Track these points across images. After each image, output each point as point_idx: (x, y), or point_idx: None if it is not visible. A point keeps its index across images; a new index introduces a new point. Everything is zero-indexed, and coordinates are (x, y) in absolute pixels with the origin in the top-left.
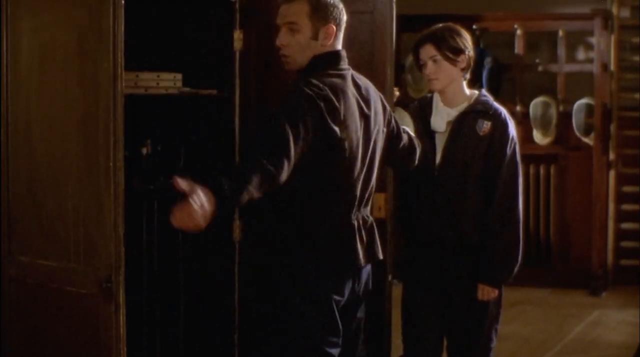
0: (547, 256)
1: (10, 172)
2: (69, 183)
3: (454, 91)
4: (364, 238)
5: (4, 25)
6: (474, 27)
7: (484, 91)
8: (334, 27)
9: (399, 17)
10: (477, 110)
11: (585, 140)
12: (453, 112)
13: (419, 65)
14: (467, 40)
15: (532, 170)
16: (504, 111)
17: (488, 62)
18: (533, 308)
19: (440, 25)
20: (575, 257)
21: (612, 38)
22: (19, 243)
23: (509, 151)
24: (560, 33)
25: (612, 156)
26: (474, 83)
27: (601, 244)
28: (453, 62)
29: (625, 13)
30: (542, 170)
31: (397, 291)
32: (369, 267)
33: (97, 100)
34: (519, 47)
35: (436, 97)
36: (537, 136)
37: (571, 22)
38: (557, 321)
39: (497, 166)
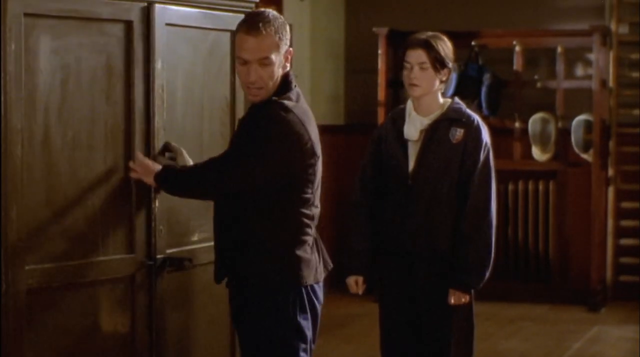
0: (546, 272)
1: (25, 188)
2: (96, 187)
3: (430, 101)
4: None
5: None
6: (473, 43)
7: (457, 99)
8: (291, 48)
9: (395, 33)
10: (451, 118)
11: (584, 156)
12: (426, 121)
13: (402, 66)
14: (451, 53)
15: (531, 186)
16: (477, 118)
17: (487, 78)
18: (532, 324)
19: (431, 33)
20: (574, 274)
21: (611, 54)
22: (41, 252)
23: (482, 157)
24: (559, 49)
25: (611, 172)
26: (473, 99)
27: (600, 260)
28: (438, 72)
29: (624, 29)
30: (541, 187)
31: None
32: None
33: (129, 115)
34: (517, 64)
35: (409, 106)
36: (536, 152)
37: (570, 38)
38: (556, 337)
39: (470, 172)
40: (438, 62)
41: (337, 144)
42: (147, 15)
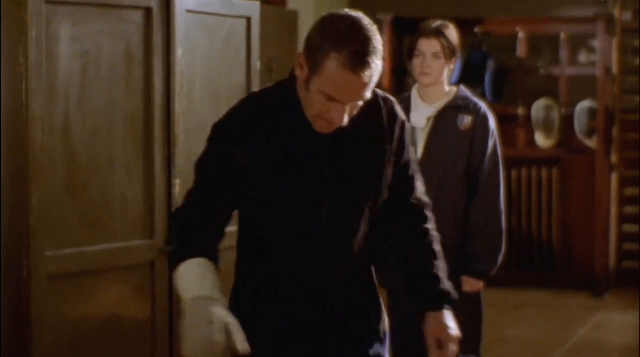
0: (549, 259)
1: (45, 174)
2: (116, 174)
3: (437, 89)
4: None
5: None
6: (477, 30)
7: (463, 87)
8: None
9: (399, 20)
10: (458, 105)
11: (588, 143)
12: (433, 109)
13: (411, 55)
14: (458, 42)
15: (534, 173)
16: (483, 106)
17: (491, 65)
18: (536, 311)
19: (440, 22)
20: (578, 260)
21: (614, 41)
22: (61, 239)
23: (490, 144)
24: (563, 36)
25: (614, 159)
26: (477, 86)
27: (603, 246)
28: (448, 61)
29: (627, 16)
30: (544, 173)
31: None
32: None
33: (148, 102)
34: (521, 51)
35: (415, 94)
36: (540, 139)
37: (573, 25)
38: (560, 323)
39: (479, 160)
40: (450, 51)
41: None
42: (167, 2)
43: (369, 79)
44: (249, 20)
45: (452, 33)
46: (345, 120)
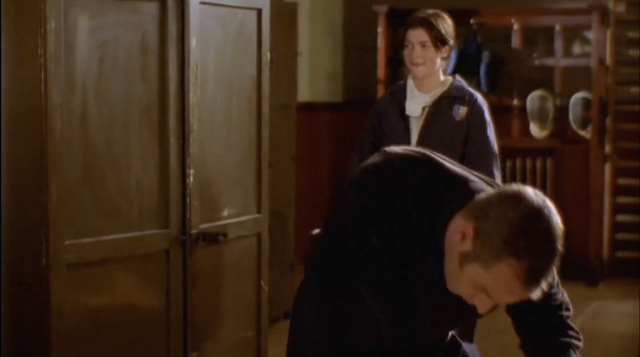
0: None
1: (64, 164)
2: (131, 163)
3: (431, 78)
4: None
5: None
6: (472, 21)
7: (458, 77)
8: None
9: (394, 11)
10: (453, 95)
11: (582, 133)
12: (428, 98)
13: (403, 45)
14: (452, 30)
15: (528, 163)
16: (478, 95)
17: (486, 56)
18: None
19: (431, 10)
20: (572, 249)
21: (608, 33)
22: (78, 228)
23: (488, 134)
24: (557, 28)
25: (607, 149)
26: (472, 77)
27: (597, 236)
28: (439, 50)
29: (621, 8)
30: (538, 164)
31: None
32: None
33: (163, 93)
34: (516, 42)
35: (410, 84)
36: (534, 130)
37: (568, 16)
38: None
39: (477, 150)
40: (439, 40)
41: (336, 122)
42: None
43: (535, 294)
44: (259, 11)
45: (443, 22)
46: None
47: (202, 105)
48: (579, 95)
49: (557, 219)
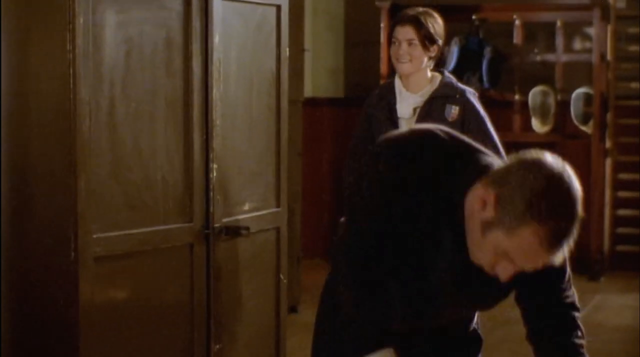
0: None
1: (92, 158)
2: (157, 157)
3: (418, 77)
4: None
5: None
6: (474, 17)
7: (447, 73)
8: None
9: (397, 7)
10: (445, 94)
11: (584, 128)
12: (418, 98)
13: (390, 42)
14: (442, 30)
15: None
16: (469, 90)
17: (488, 52)
18: None
19: (421, 9)
20: (573, 244)
21: (609, 28)
22: (106, 221)
23: (488, 128)
24: (559, 23)
25: (608, 144)
26: (474, 72)
27: (599, 230)
28: (427, 49)
29: (622, 4)
30: None
31: None
32: None
33: (187, 87)
34: (517, 37)
35: (398, 83)
36: (536, 125)
37: (569, 12)
38: None
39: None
40: (427, 39)
41: (337, 117)
42: None
43: (557, 258)
44: (279, 7)
45: (433, 21)
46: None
47: (225, 100)
48: (581, 90)
49: (577, 184)
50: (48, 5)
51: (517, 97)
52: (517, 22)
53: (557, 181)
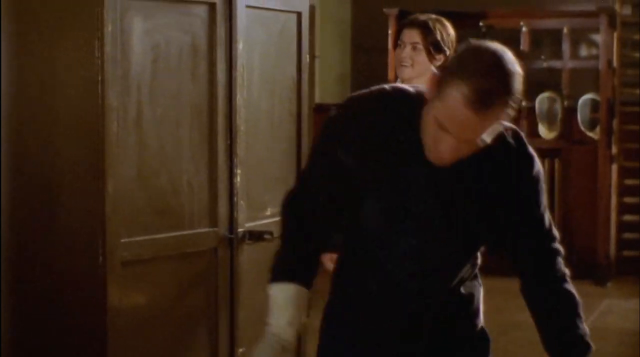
0: None
1: (119, 163)
2: (182, 162)
3: (419, 83)
4: None
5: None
6: (481, 23)
7: None
8: None
9: (404, 13)
10: None
11: (590, 134)
12: None
13: (396, 43)
14: (452, 41)
15: None
16: None
17: None
18: None
19: (434, 15)
20: (578, 248)
21: (615, 35)
22: (132, 225)
23: None
24: (565, 30)
25: (614, 150)
26: None
27: (605, 236)
28: (432, 56)
29: (627, 10)
30: (546, 164)
31: None
32: None
33: (212, 94)
34: (524, 44)
35: None
36: (543, 131)
37: (575, 19)
38: None
39: None
40: (433, 46)
41: None
42: None
43: (490, 122)
44: (299, 14)
45: (443, 29)
46: (453, 158)
47: (248, 106)
48: (587, 97)
49: (514, 62)
50: (76, 13)
51: (524, 103)
52: (524, 29)
53: (488, 49)
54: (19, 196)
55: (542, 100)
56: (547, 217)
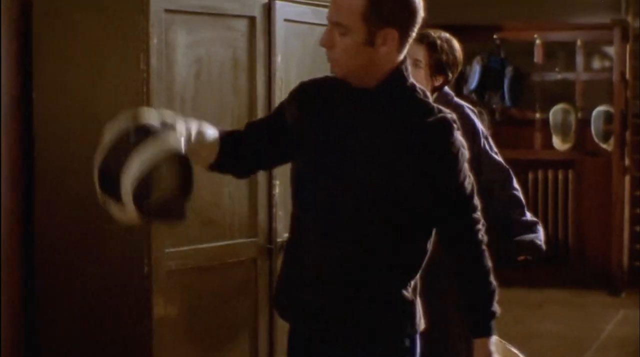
0: (564, 257)
1: None
2: (222, 176)
3: None
4: None
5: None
6: (495, 36)
7: (446, 89)
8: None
9: (421, 26)
10: None
11: (604, 146)
12: None
13: None
14: (458, 63)
15: (550, 175)
16: (465, 107)
17: (509, 70)
18: (559, 308)
19: (445, 35)
20: (592, 259)
21: (627, 47)
22: (177, 236)
23: (483, 144)
24: (579, 42)
25: (627, 161)
26: (496, 91)
27: (619, 246)
28: (431, 76)
29: (638, 23)
30: (560, 175)
31: None
32: None
33: (252, 106)
34: (538, 56)
35: None
36: (557, 142)
37: (589, 32)
38: (586, 319)
39: (476, 166)
40: (435, 67)
41: None
42: (269, 11)
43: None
44: None
45: (450, 50)
46: (325, 43)
47: None
48: (601, 108)
49: None
50: (123, 27)
51: (538, 115)
52: (537, 41)
53: None
54: (65, 207)
55: (556, 112)
56: (465, 190)
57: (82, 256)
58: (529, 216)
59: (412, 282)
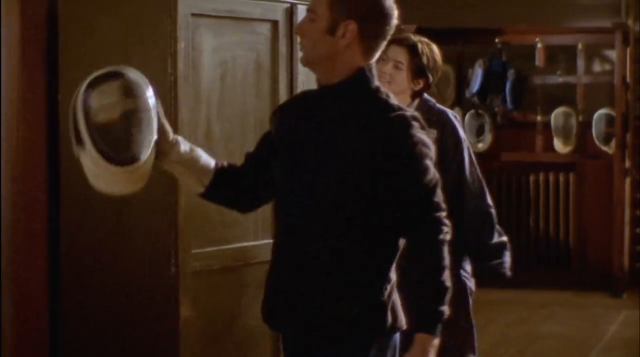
0: (566, 259)
1: None
2: None
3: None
4: None
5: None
6: (497, 40)
7: (427, 96)
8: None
9: (421, 30)
10: (424, 118)
11: (605, 148)
12: None
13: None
14: (437, 68)
15: (551, 177)
16: (448, 114)
17: (511, 74)
18: (562, 309)
19: (425, 39)
20: (593, 260)
21: (628, 51)
22: (202, 237)
23: (465, 155)
24: (580, 46)
25: (627, 164)
26: (497, 94)
27: (620, 248)
28: (412, 79)
29: (638, 27)
30: (561, 178)
31: None
32: None
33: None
34: (539, 60)
35: None
36: (558, 145)
37: (590, 35)
38: (589, 321)
39: (458, 174)
40: (416, 70)
41: None
42: (291, 15)
43: None
44: None
45: (430, 54)
46: (300, 32)
47: None
48: (602, 111)
49: None
50: (150, 31)
51: (539, 118)
52: (539, 45)
53: None
54: (91, 207)
55: (557, 115)
56: (424, 187)
57: (108, 256)
58: (496, 236)
59: (386, 280)
